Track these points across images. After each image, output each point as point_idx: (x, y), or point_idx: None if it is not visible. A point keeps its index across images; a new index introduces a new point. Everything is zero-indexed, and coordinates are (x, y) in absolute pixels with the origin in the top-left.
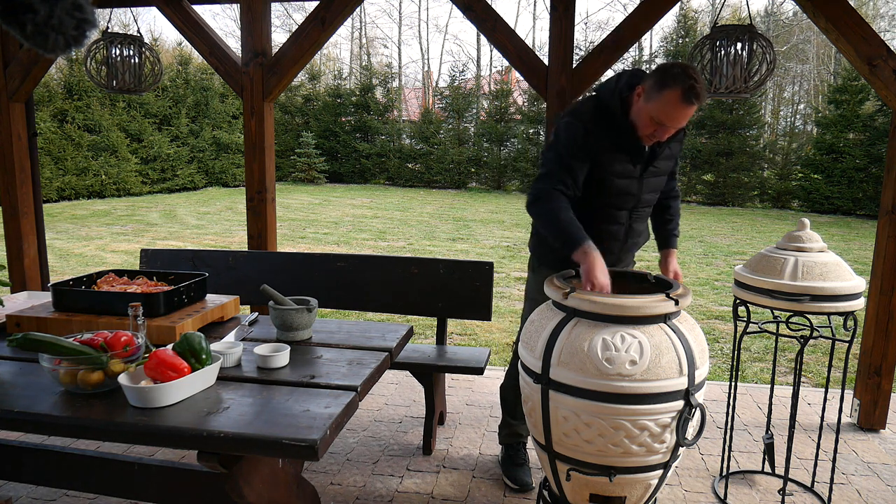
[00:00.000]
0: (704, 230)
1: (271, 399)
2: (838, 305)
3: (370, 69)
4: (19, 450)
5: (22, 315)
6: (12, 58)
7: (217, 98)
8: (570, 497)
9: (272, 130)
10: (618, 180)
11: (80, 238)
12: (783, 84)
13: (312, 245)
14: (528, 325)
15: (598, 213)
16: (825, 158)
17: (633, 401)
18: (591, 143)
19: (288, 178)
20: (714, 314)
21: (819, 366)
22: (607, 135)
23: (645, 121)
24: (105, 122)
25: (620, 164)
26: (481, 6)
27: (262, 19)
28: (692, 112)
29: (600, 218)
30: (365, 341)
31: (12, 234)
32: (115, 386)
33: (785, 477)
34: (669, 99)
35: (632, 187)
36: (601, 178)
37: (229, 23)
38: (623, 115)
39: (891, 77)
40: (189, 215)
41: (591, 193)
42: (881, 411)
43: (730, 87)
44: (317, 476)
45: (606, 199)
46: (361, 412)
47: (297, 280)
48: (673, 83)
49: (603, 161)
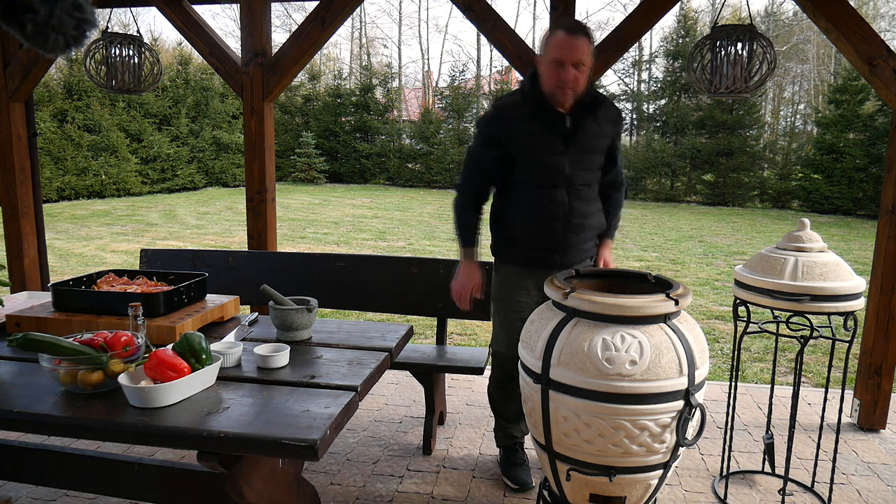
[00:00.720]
0: (704, 230)
1: (271, 399)
2: (838, 305)
3: (370, 69)
4: (19, 450)
5: (22, 315)
6: (12, 58)
7: (217, 98)
8: (570, 497)
9: (272, 130)
10: (538, 156)
11: (80, 238)
12: (783, 84)
13: (312, 245)
14: (528, 325)
15: (533, 193)
16: (825, 158)
17: (633, 401)
18: (501, 126)
19: (288, 178)
20: (714, 314)
21: (819, 366)
22: (521, 112)
23: (547, 73)
24: (105, 122)
25: (538, 139)
26: (481, 6)
27: (262, 19)
28: (582, 45)
29: (536, 199)
30: (365, 341)
31: (12, 234)
32: (115, 386)
33: (785, 477)
34: (554, 38)
35: (557, 164)
36: (519, 155)
37: (229, 23)
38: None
39: (891, 77)
40: (189, 215)
41: (519, 174)
42: (881, 411)
43: (730, 87)
44: (317, 476)
45: (533, 178)
46: (361, 412)
47: (297, 280)
48: (554, 26)
49: (516, 139)
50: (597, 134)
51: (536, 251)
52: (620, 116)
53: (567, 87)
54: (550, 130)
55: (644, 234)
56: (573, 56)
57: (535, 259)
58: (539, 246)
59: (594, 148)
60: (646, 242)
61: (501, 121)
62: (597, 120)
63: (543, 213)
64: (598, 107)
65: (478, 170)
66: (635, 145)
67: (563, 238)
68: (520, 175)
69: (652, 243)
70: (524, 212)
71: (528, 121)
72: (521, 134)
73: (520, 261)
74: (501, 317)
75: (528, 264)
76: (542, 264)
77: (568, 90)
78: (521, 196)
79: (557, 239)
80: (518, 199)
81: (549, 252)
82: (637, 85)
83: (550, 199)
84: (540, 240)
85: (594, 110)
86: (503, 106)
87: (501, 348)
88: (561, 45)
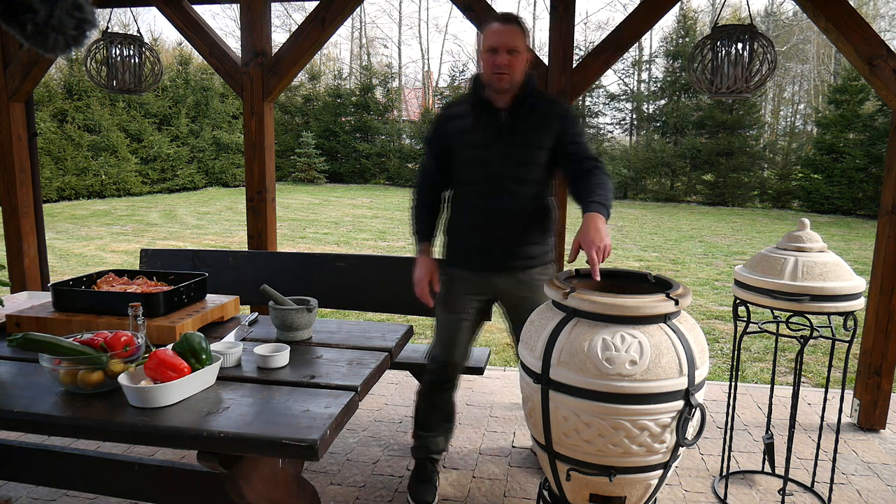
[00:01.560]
0: (704, 230)
1: (271, 399)
2: (838, 305)
3: (370, 69)
4: (19, 450)
5: (22, 315)
6: (12, 58)
7: (217, 98)
8: (570, 497)
9: (272, 130)
10: (467, 151)
11: (80, 238)
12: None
13: (312, 245)
14: (528, 326)
15: (466, 190)
16: (825, 158)
17: (633, 401)
18: (442, 124)
19: (288, 178)
20: (714, 314)
21: (819, 366)
22: (461, 109)
23: (484, 62)
24: (105, 122)
25: (471, 133)
26: (481, 6)
27: (262, 19)
28: (514, 32)
29: (468, 196)
30: (365, 341)
31: (12, 234)
32: (115, 386)
33: (785, 477)
34: (488, 29)
35: (487, 157)
36: (455, 152)
37: (229, 23)
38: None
39: (891, 77)
40: (189, 215)
41: (456, 172)
42: (881, 411)
43: (730, 87)
44: (317, 476)
45: (465, 174)
46: (361, 412)
47: (297, 280)
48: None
49: (453, 135)
50: (536, 129)
51: (471, 251)
52: (567, 111)
53: (503, 72)
54: (484, 125)
55: (644, 234)
56: (506, 42)
57: (470, 260)
58: (475, 246)
59: (531, 143)
60: (646, 242)
61: (443, 119)
62: (535, 114)
63: (477, 211)
64: (536, 100)
65: (422, 170)
66: (635, 145)
67: (496, 237)
68: (458, 173)
69: (652, 243)
70: (461, 211)
71: (466, 117)
72: (457, 130)
73: (457, 262)
74: (439, 320)
75: (464, 266)
76: (478, 266)
77: (504, 76)
78: (460, 195)
79: (492, 240)
80: (458, 198)
81: (484, 253)
82: (637, 85)
83: (483, 196)
84: (475, 240)
85: (532, 105)
86: (447, 105)
87: (436, 351)
88: (494, 32)
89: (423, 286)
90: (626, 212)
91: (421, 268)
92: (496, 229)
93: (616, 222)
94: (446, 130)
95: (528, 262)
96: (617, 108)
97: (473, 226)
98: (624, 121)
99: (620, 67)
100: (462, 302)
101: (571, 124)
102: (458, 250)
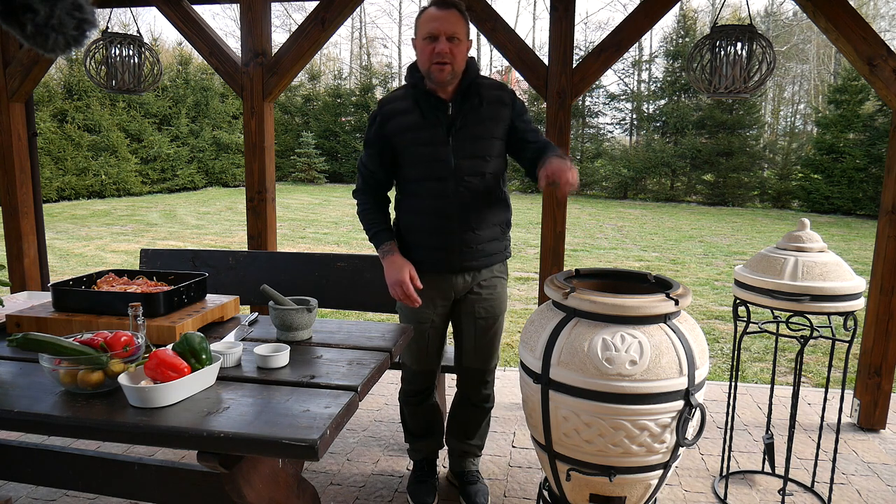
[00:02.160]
0: (704, 230)
1: (271, 399)
2: (838, 305)
3: (370, 69)
4: (19, 450)
5: (22, 315)
6: (12, 58)
7: (217, 98)
8: (570, 497)
9: (272, 130)
10: (421, 149)
11: (80, 238)
12: (783, 84)
13: (312, 245)
14: (528, 326)
15: (421, 189)
16: (825, 158)
17: (633, 401)
18: (383, 122)
19: (288, 178)
20: (714, 314)
21: (819, 366)
22: (403, 105)
23: (421, 50)
24: (105, 122)
25: (420, 131)
26: (481, 6)
27: (262, 19)
28: (453, 17)
29: (424, 196)
30: (365, 341)
31: (12, 234)
32: (115, 386)
33: (785, 477)
34: (425, 14)
35: (440, 154)
36: (403, 151)
37: (229, 23)
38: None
39: (891, 77)
40: (189, 215)
41: (406, 171)
42: (881, 411)
43: (730, 87)
44: (317, 476)
45: (419, 173)
46: (361, 412)
47: (297, 280)
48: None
49: (398, 134)
50: (485, 118)
51: (431, 254)
52: (512, 95)
53: (444, 60)
54: (432, 119)
55: (644, 234)
56: (445, 28)
57: (431, 263)
58: (433, 247)
59: (483, 134)
60: (646, 242)
61: (383, 116)
62: (483, 103)
63: (433, 211)
64: (482, 89)
65: (364, 172)
66: (635, 145)
67: (458, 237)
68: (406, 172)
69: (652, 243)
70: (414, 212)
71: (409, 113)
72: (402, 128)
73: (418, 267)
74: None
75: (424, 269)
76: (439, 268)
77: (445, 65)
78: (411, 195)
79: (452, 239)
80: (408, 198)
81: (446, 253)
82: (637, 85)
83: (438, 194)
84: (433, 241)
85: (478, 93)
86: (385, 101)
87: (407, 361)
88: (431, 18)
89: (407, 285)
90: (626, 212)
91: (397, 266)
92: (455, 228)
93: (616, 222)
94: (389, 129)
95: (490, 258)
96: (617, 108)
97: (431, 226)
98: (624, 121)
99: (620, 67)
100: (424, 309)
101: (521, 111)
102: (416, 253)
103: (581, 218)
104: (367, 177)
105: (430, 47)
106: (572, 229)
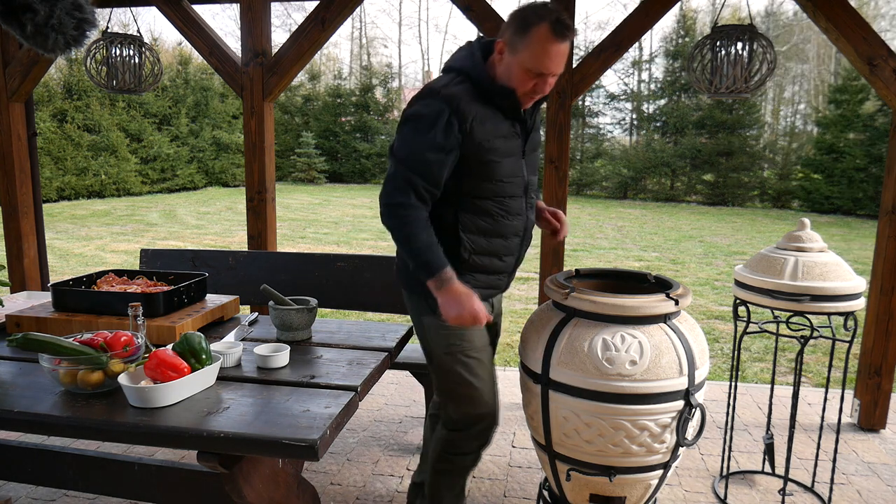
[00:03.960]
0: (704, 230)
1: (271, 399)
2: (838, 305)
3: (370, 69)
4: (19, 450)
5: (22, 315)
6: (12, 58)
7: (217, 98)
8: (570, 497)
9: (272, 130)
10: (505, 161)
11: (80, 238)
12: (783, 84)
13: (312, 245)
14: (528, 325)
15: (499, 208)
16: (825, 158)
17: (633, 401)
18: (461, 123)
19: (288, 178)
20: (714, 314)
21: (819, 366)
22: (480, 108)
23: (520, 76)
24: (105, 122)
25: (503, 140)
26: (481, 6)
27: (262, 19)
28: (566, 50)
29: (502, 213)
30: (365, 341)
31: (12, 234)
32: (115, 386)
33: (785, 477)
34: (538, 37)
35: (518, 168)
36: (485, 161)
37: (229, 23)
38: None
39: (891, 77)
40: (189, 215)
41: (480, 185)
42: (881, 411)
43: (730, 87)
44: (317, 476)
45: (497, 188)
46: (361, 412)
47: (297, 280)
48: (537, 20)
49: (482, 141)
50: (537, 130)
51: (490, 279)
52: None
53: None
54: (513, 130)
55: (644, 234)
56: (559, 68)
57: (490, 286)
58: (496, 271)
59: (539, 147)
60: (646, 242)
61: (460, 116)
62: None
63: (509, 231)
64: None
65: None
66: (635, 145)
67: (518, 256)
68: (478, 186)
69: (652, 243)
70: (484, 233)
71: (493, 119)
72: (491, 134)
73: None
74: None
75: (487, 295)
76: (494, 293)
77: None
78: (482, 213)
79: (516, 258)
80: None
81: (507, 277)
82: (637, 85)
83: (514, 211)
84: (499, 265)
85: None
86: (455, 97)
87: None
88: (553, 54)
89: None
90: (626, 212)
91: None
92: (520, 248)
93: (616, 222)
94: (476, 133)
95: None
96: (617, 108)
97: (503, 249)
98: (624, 121)
99: (620, 67)
100: (481, 341)
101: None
102: (487, 277)
103: (581, 218)
104: (418, 186)
105: (534, 82)
106: (572, 229)
